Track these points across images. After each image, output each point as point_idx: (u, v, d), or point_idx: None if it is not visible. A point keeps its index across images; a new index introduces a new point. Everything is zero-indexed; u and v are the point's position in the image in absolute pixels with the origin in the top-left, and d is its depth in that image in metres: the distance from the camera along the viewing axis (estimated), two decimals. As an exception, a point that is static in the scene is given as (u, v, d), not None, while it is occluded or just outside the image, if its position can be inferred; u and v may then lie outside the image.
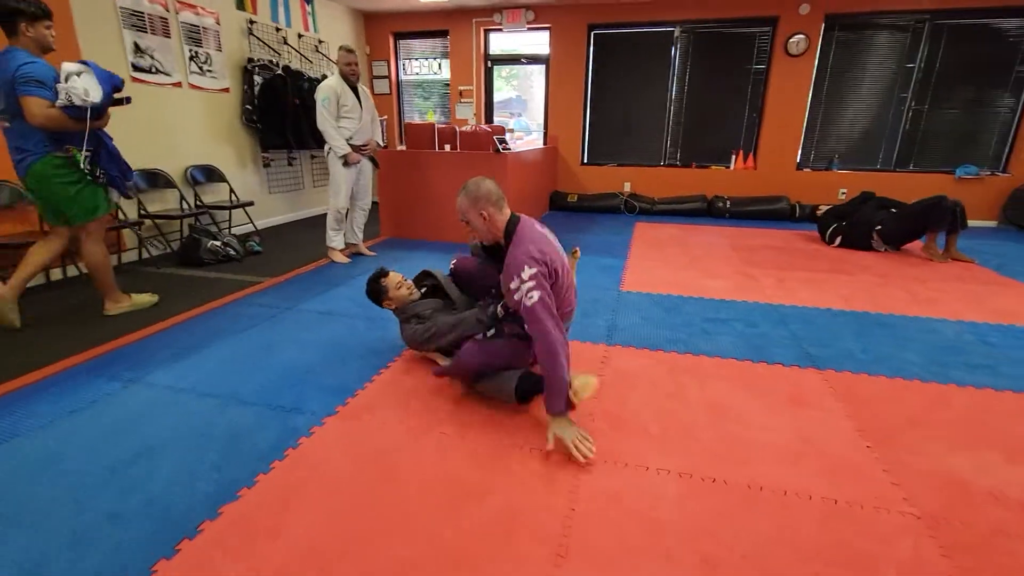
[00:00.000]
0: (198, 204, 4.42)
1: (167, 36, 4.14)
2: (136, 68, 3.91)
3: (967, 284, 3.59)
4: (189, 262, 3.91)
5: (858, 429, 1.83)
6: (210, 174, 4.57)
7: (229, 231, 4.66)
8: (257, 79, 4.92)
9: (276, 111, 5.06)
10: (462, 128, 4.77)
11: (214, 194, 4.68)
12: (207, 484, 1.52)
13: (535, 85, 7.45)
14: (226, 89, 4.75)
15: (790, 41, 5.65)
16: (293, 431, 1.80)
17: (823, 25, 5.59)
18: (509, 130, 5.81)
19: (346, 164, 3.83)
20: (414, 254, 4.31)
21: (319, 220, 5.75)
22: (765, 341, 2.57)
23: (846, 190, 5.89)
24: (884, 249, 4.43)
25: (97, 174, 2.61)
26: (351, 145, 3.82)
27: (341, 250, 4.08)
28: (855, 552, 1.29)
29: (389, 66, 6.84)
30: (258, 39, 5.00)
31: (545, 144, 6.55)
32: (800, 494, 1.50)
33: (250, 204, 4.72)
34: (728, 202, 6.00)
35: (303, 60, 5.62)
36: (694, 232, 5.30)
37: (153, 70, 4.05)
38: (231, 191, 4.70)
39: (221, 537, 1.33)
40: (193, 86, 4.42)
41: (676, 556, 1.28)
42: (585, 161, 6.67)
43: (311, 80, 5.40)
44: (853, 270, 3.93)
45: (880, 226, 4.38)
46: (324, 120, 3.70)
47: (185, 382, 2.13)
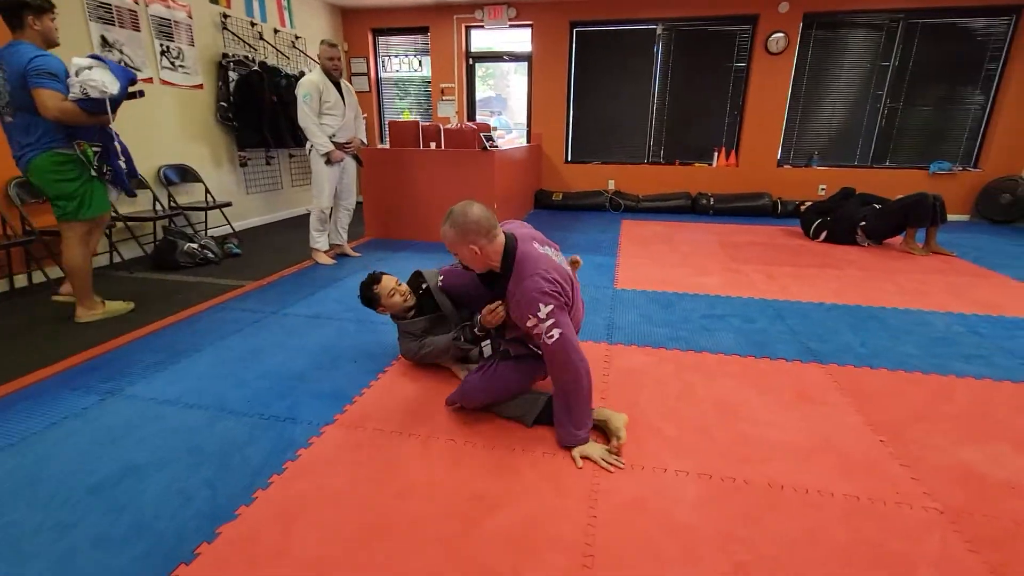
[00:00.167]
0: (172, 205, 4.23)
1: (136, 30, 3.95)
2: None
3: (949, 276, 3.67)
4: (164, 266, 3.73)
5: (869, 424, 1.82)
6: (184, 174, 4.38)
7: (205, 233, 4.47)
8: (232, 75, 4.74)
9: (253, 108, 4.88)
10: (446, 126, 4.68)
11: (189, 195, 4.49)
12: (201, 503, 1.42)
13: (511, 84, 7.40)
14: (200, 85, 4.56)
15: (770, 39, 5.71)
16: (290, 442, 1.70)
17: (801, 23, 5.67)
18: (492, 128, 5.73)
19: (329, 162, 3.70)
20: (400, 255, 4.20)
21: (299, 221, 5.60)
22: (765, 337, 2.56)
23: (826, 186, 5.99)
24: (867, 244, 4.51)
25: (104, 171, 2.58)
26: (334, 143, 3.70)
27: (326, 251, 3.95)
28: (885, 551, 1.27)
29: (368, 63, 6.70)
30: (232, 34, 4.81)
31: (529, 142, 6.51)
32: (822, 492, 1.47)
33: (227, 205, 4.55)
34: (712, 199, 6.04)
35: (280, 56, 5.45)
36: (680, 229, 5.32)
37: (122, 65, 3.84)
38: (207, 191, 4.51)
39: (221, 561, 1.23)
40: (165, 82, 4.22)
41: (706, 563, 1.23)
42: (569, 159, 6.64)
43: (288, 77, 5.24)
44: (839, 264, 3.98)
45: (864, 222, 4.45)
46: (306, 117, 3.57)
47: (168, 393, 2.01)
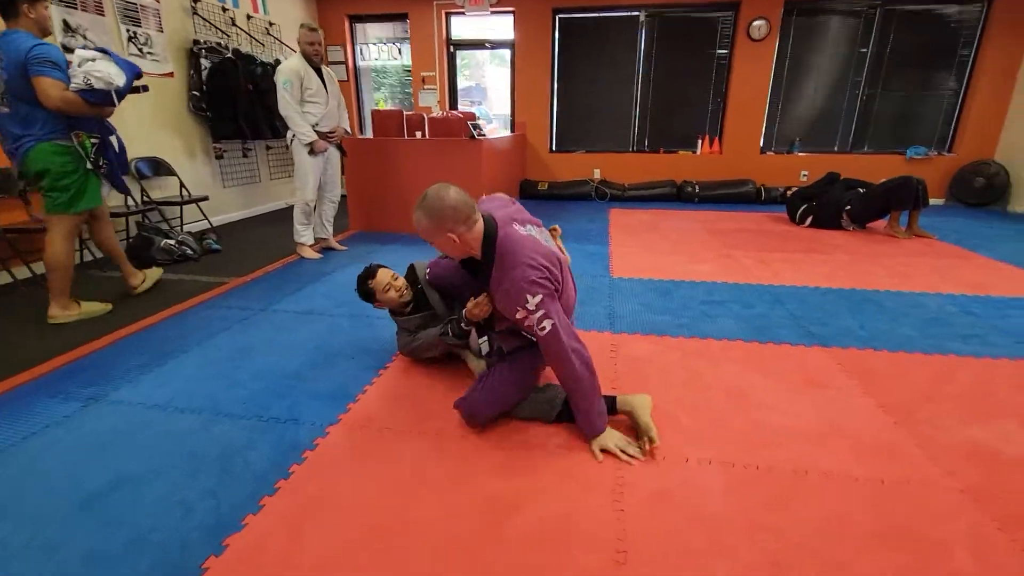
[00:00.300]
0: (145, 200, 4.04)
1: (100, 14, 3.73)
2: (67, 49, 3.48)
3: (934, 258, 3.74)
4: (140, 263, 3.53)
5: (879, 406, 1.82)
6: (157, 167, 4.17)
7: (181, 229, 4.28)
8: (204, 63, 4.52)
9: (227, 97, 4.68)
10: (432, 114, 4.57)
11: (162, 189, 4.29)
12: (204, 514, 1.33)
13: (487, 74, 7.29)
14: (170, 74, 4.34)
15: (752, 26, 5.73)
16: (293, 445, 1.61)
17: (782, 10, 5.69)
18: (474, 118, 5.63)
19: (312, 152, 3.56)
20: (388, 248, 4.10)
21: (278, 215, 5.43)
22: (766, 322, 2.56)
23: (808, 172, 6.07)
24: (852, 228, 4.57)
25: (100, 164, 2.55)
26: (317, 132, 3.56)
27: (311, 245, 3.82)
28: (917, 534, 1.25)
29: (345, 51, 6.50)
30: (203, 19, 4.59)
31: (512, 131, 6.42)
32: (845, 476, 1.46)
33: (204, 199, 4.35)
34: (697, 187, 6.05)
35: (254, 43, 5.23)
36: (667, 217, 5.31)
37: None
38: (181, 185, 4.31)
39: (232, 575, 1.15)
40: (133, 70, 4.00)
41: (739, 554, 1.20)
42: (554, 148, 6.58)
43: (264, 64, 5.04)
44: (826, 249, 4.02)
45: (849, 206, 4.51)
46: (287, 105, 3.43)
47: (157, 397, 1.89)
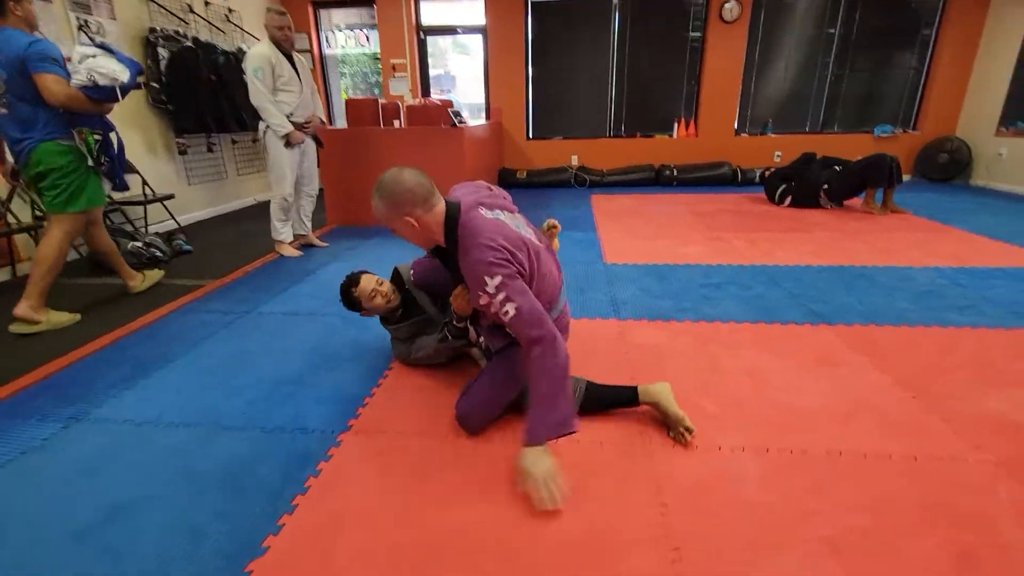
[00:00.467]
0: (107, 199, 3.75)
1: (47, 0, 3.42)
2: None
3: (912, 233, 3.83)
4: (106, 268, 3.31)
5: (894, 381, 1.83)
6: (116, 165, 3.89)
7: (146, 230, 4.02)
8: (162, 52, 4.24)
9: (188, 89, 4.41)
10: (409, 102, 4.41)
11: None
12: (219, 539, 1.21)
13: (451, 62, 7.13)
14: (125, 64, 4.04)
15: (724, 7, 5.74)
16: (305, 456, 1.51)
17: (753, -9, 5.72)
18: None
19: (288, 144, 3.38)
20: (371, 243, 3.95)
21: (248, 213, 5.18)
22: (768, 302, 2.56)
23: (780, 153, 6.16)
24: (829, 206, 4.66)
25: (102, 161, 2.52)
26: (292, 122, 3.37)
27: (290, 243, 3.64)
28: (962, 510, 1.25)
29: (310, 38, 6.22)
30: (159, 6, 4.29)
31: (488, 119, 6.29)
32: (879, 455, 1.45)
33: (169, 197, 4.11)
34: (675, 170, 6.07)
35: (213, 30, 4.94)
36: (649, 201, 5.31)
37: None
38: (144, 183, 4.05)
39: (261, 606, 1.05)
40: (83, 60, 3.70)
41: (795, 542, 1.17)
42: (531, 136, 6.48)
43: (226, 53, 4.77)
44: (808, 227, 4.07)
45: (826, 185, 4.59)
46: (259, 94, 3.23)
47: (145, 413, 1.74)
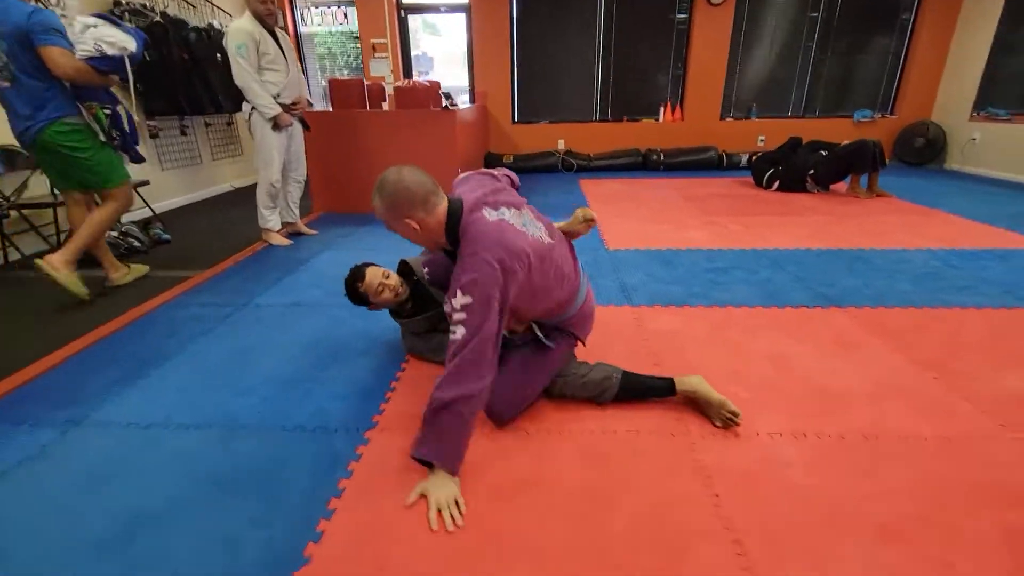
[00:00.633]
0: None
1: (-1, -34, 3.13)
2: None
3: (899, 216, 3.92)
4: (80, 260, 3.10)
5: (913, 363, 1.85)
6: (84, 149, 3.64)
7: (120, 218, 3.78)
8: (129, 28, 3.95)
9: (159, 68, 4.14)
10: (397, 84, 4.26)
11: (92, 174, 3.75)
12: (256, 549, 1.14)
13: (423, 42, 6.94)
14: (89, 40, 3.76)
15: (710, -10, 5.71)
16: (334, 456, 1.43)
17: (739, -26, 5.71)
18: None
19: (276, 127, 3.21)
20: (363, 230, 3.82)
21: (226, 199, 4.96)
22: (775, 286, 2.57)
23: (764, 137, 6.22)
24: (816, 190, 4.73)
25: (114, 136, 2.45)
26: (280, 104, 3.20)
27: (278, 231, 3.48)
28: (1009, 488, 1.26)
29: (284, 16, 5.94)
30: (123, -24, 4.01)
31: (472, 102, 6.15)
32: (915, 437, 1.46)
33: (144, 184, 3.87)
34: (662, 154, 6.07)
35: (183, 5, 4.65)
36: (639, 186, 5.30)
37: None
38: (115, 169, 3.79)
39: (315, 620, 0.99)
40: (44, 35, 3.42)
41: (856, 529, 1.16)
42: (516, 120, 6.38)
43: (197, 30, 4.49)
44: (800, 211, 4.13)
45: (812, 170, 4.65)
46: (244, 73, 3.05)
47: (151, 414, 1.63)
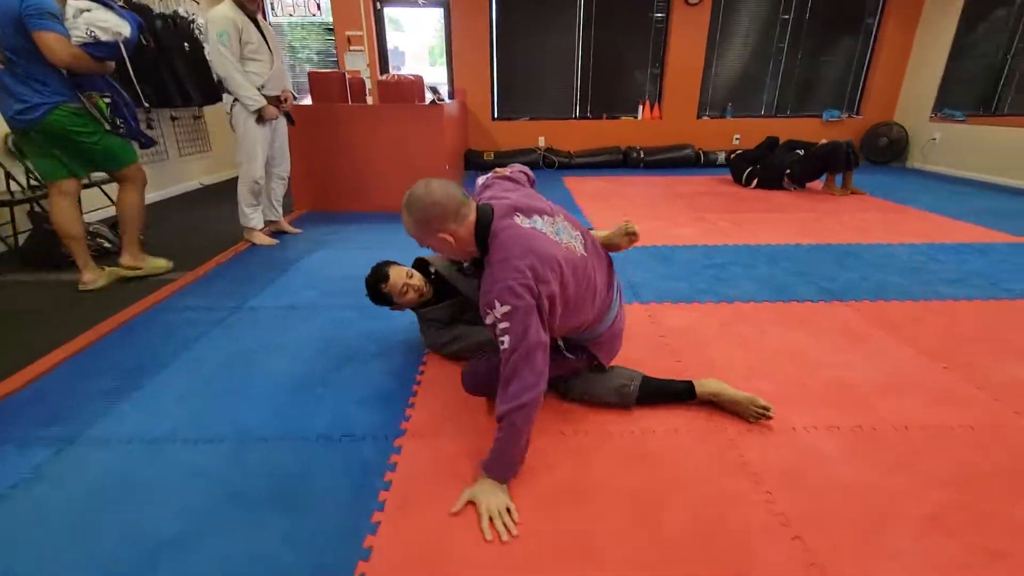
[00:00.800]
0: (34, 184, 3.26)
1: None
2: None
3: (876, 213, 4.07)
4: (42, 263, 2.88)
5: (921, 354, 1.90)
6: (43, 142, 3.37)
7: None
8: (91, 12, 3.69)
9: (122, 57, 3.87)
10: (381, 77, 4.13)
11: (52, 169, 3.49)
12: (300, 570, 1.05)
13: (391, 39, 6.81)
14: (46, 25, 3.49)
15: (687, -10, 5.80)
16: (364, 465, 1.35)
17: (715, -25, 5.81)
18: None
19: (260, 120, 3.06)
20: (349, 228, 3.69)
21: (193, 198, 4.75)
22: (778, 281, 2.60)
23: (739, 136, 6.37)
24: (793, 188, 4.86)
25: (118, 124, 2.39)
26: (264, 96, 3.04)
27: (261, 229, 3.32)
28: (1037, 475, 1.31)
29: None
30: (82, -43, 3.73)
31: (452, 98, 6.05)
32: (940, 427, 1.49)
33: (109, 180, 3.62)
34: (641, 152, 6.13)
35: (146, -9, 4.38)
36: (623, 183, 5.33)
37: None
38: (78, 164, 3.54)
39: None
40: None
41: (901, 521, 1.17)
42: (496, 116, 6.31)
43: (163, 17, 4.25)
44: (782, 208, 4.23)
45: (789, 170, 4.78)
46: (226, 63, 2.88)
47: (155, 428, 1.50)
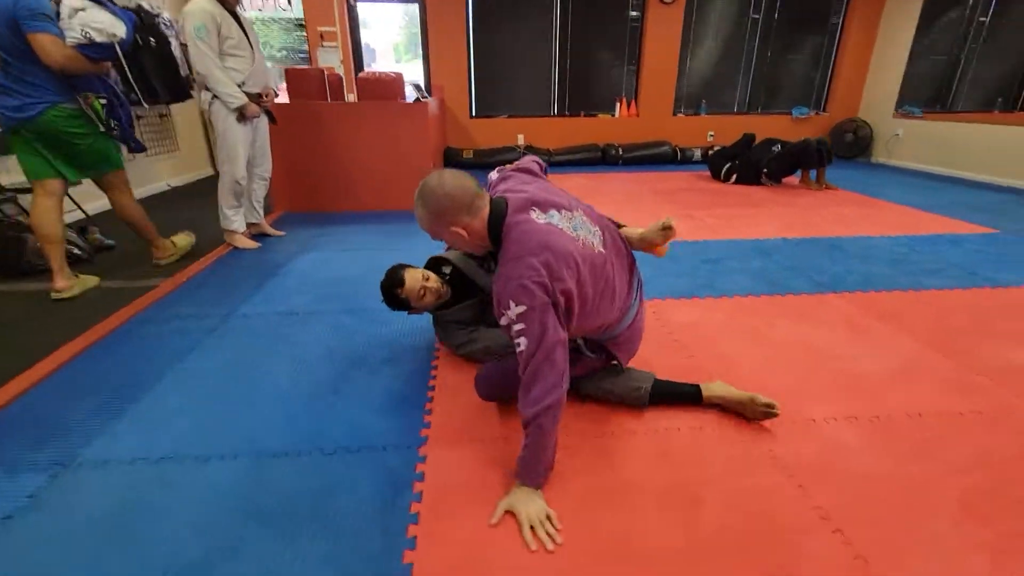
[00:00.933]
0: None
1: None
2: None
3: (852, 207, 4.20)
4: (9, 271, 2.70)
5: (921, 343, 1.97)
6: None
7: (47, 223, 3.31)
8: (48, 4, 3.46)
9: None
10: (361, 74, 4.03)
11: (10, 172, 3.27)
12: (343, 592, 1.00)
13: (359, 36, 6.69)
14: None
15: (662, -12, 5.86)
16: (392, 478, 1.30)
17: (688, -26, 5.89)
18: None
19: (242, 118, 2.93)
20: (334, 229, 3.58)
21: (160, 200, 4.56)
22: (772, 275, 2.65)
23: (713, 133, 6.49)
24: (769, 183, 4.99)
25: (112, 126, 2.38)
26: (245, 93, 2.92)
27: (243, 232, 3.19)
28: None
29: (220, -1, 5.45)
30: (37, -55, 3.49)
31: (429, 95, 5.96)
32: (952, 414, 1.54)
33: (75, 183, 3.41)
34: (620, 149, 6.17)
35: (106, -18, 4.14)
36: (604, 180, 5.35)
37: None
38: (38, 166, 3.32)
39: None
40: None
41: (932, 509, 1.19)
42: (474, 114, 6.25)
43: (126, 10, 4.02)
44: (762, 203, 4.32)
45: (767, 168, 4.91)
46: (205, 59, 2.75)
47: (158, 447, 1.41)
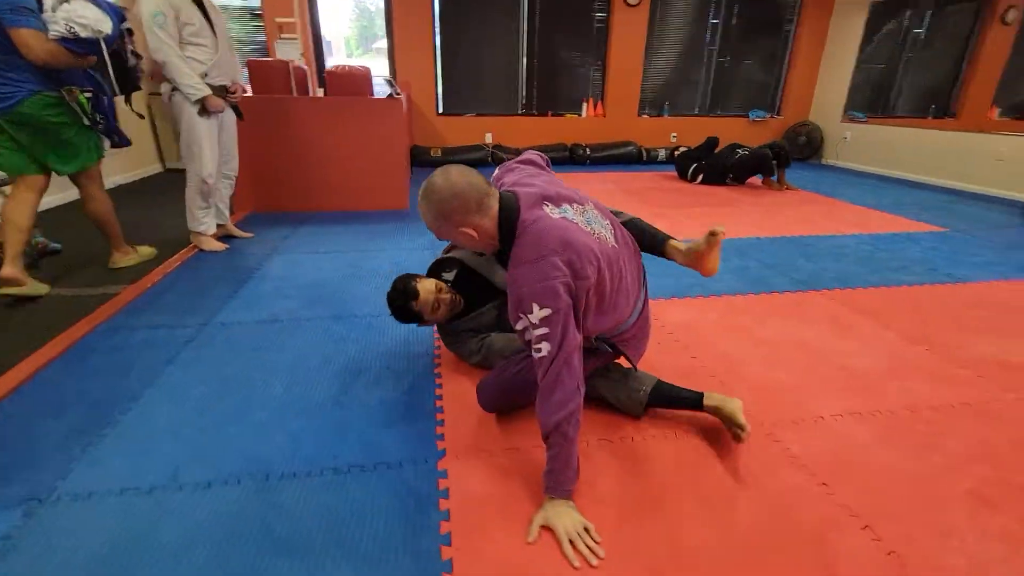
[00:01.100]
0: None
1: None
2: None
3: (814, 206, 4.38)
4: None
5: (903, 338, 2.05)
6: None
7: (-22, 225, 2.99)
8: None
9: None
10: (329, 68, 3.86)
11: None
12: (384, 626, 0.93)
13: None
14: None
15: (628, -9, 5.94)
16: (413, 495, 1.22)
17: (652, -23, 5.99)
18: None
19: (204, 112, 2.74)
20: (301, 231, 3.41)
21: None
22: (754, 274, 2.72)
23: (676, 134, 6.64)
24: (734, 184, 5.16)
25: (97, 120, 2.34)
26: (208, 85, 2.72)
27: (211, 234, 2.98)
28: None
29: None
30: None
31: (397, 92, 5.80)
32: (945, 406, 1.60)
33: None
34: (587, 149, 6.22)
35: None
36: (572, 180, 5.36)
37: None
38: (-32, 162, 2.99)
39: None
40: None
41: (947, 500, 1.24)
42: (441, 111, 6.14)
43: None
44: (732, 203, 4.44)
45: (732, 173, 5.07)
46: (164, 46, 2.54)
47: (150, 473, 1.28)
